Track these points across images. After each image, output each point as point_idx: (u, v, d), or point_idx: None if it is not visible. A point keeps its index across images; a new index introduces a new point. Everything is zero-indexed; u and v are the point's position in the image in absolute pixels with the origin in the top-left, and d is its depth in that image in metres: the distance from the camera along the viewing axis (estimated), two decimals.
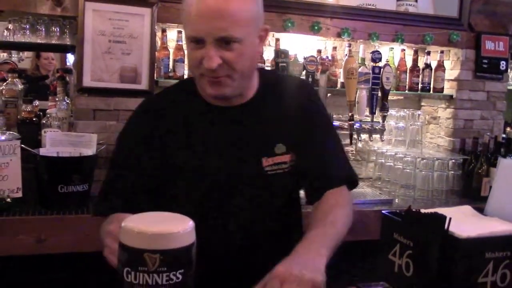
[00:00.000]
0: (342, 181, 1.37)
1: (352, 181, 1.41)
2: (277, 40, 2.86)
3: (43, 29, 2.52)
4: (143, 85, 2.47)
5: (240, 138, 1.33)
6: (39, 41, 2.56)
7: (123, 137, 1.38)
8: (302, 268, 0.95)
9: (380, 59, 2.74)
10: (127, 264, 0.65)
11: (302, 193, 1.45)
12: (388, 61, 2.93)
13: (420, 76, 3.08)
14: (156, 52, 2.56)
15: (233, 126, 1.34)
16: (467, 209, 1.21)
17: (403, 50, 3.07)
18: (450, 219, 0.93)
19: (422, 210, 0.97)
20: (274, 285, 0.90)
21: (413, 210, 0.96)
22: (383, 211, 0.98)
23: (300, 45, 2.89)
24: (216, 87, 1.25)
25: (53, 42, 2.56)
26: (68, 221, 2.08)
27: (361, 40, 2.88)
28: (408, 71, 3.07)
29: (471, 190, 2.85)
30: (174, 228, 0.67)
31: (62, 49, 2.84)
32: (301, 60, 2.61)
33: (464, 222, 0.99)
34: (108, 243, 0.95)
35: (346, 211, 1.27)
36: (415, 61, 3.08)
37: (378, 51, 2.76)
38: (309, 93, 1.46)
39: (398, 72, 3.04)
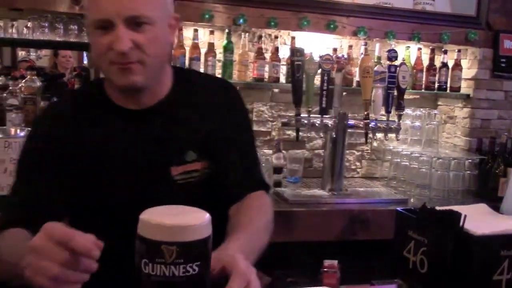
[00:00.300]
0: (261, 186, 1.31)
1: (267, 185, 1.35)
2: (293, 38, 2.87)
3: (62, 27, 2.55)
4: None
5: (149, 146, 1.23)
6: (57, 39, 2.60)
7: (26, 145, 1.26)
8: None
9: (396, 58, 2.73)
10: (144, 255, 0.66)
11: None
12: (404, 60, 2.91)
13: (437, 75, 3.06)
14: (172, 51, 2.58)
15: (142, 132, 1.23)
16: (482, 207, 1.20)
17: (419, 48, 3.05)
18: (465, 216, 0.93)
19: (437, 208, 0.97)
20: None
21: (428, 207, 0.96)
22: (397, 208, 0.98)
23: (315, 44, 2.89)
24: (127, 75, 1.14)
25: (71, 40, 2.59)
26: None
27: (377, 38, 2.87)
28: (424, 70, 3.05)
29: (487, 190, 2.83)
30: (191, 220, 0.68)
31: (80, 47, 2.87)
32: (316, 58, 2.61)
33: (479, 220, 0.99)
34: (32, 261, 0.76)
35: (268, 217, 1.23)
36: (431, 60, 3.06)
37: (394, 50, 2.75)
38: (229, 95, 1.35)
39: (415, 71, 3.03)
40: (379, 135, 2.85)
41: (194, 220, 0.69)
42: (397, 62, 2.76)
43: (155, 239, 0.66)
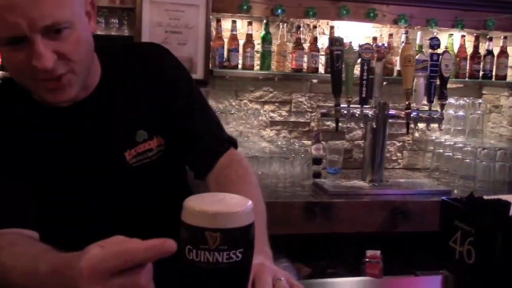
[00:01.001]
0: (228, 143, 1.23)
1: (234, 140, 1.25)
2: (332, 28, 2.83)
3: (103, 21, 2.60)
4: (199, 74, 2.52)
5: (94, 137, 1.12)
6: (99, 32, 2.65)
7: None
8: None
9: (438, 46, 2.66)
10: (188, 242, 0.67)
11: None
12: (447, 48, 2.84)
13: (481, 63, 2.97)
14: (211, 42, 2.60)
15: (83, 126, 1.12)
16: None
17: (463, 36, 2.97)
18: None
19: (484, 197, 0.94)
20: (266, 279, 0.81)
21: (475, 196, 0.93)
22: (443, 197, 0.96)
23: (355, 33, 2.85)
24: (58, 93, 1.01)
25: (112, 33, 2.64)
26: None
27: (419, 26, 2.81)
28: (468, 58, 2.97)
29: None
30: (234, 208, 0.68)
31: (121, 40, 2.93)
32: (356, 48, 2.57)
33: None
34: None
35: (255, 183, 1.15)
36: (476, 47, 2.98)
37: (437, 38, 2.67)
38: (159, 58, 1.21)
39: (458, 59, 2.95)
40: (421, 125, 2.80)
41: (237, 207, 0.69)
42: (439, 50, 2.69)
43: (199, 225, 0.66)
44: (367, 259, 1.35)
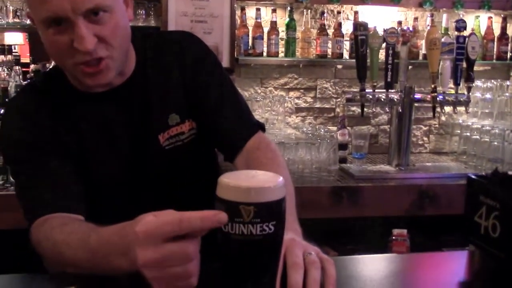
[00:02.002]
0: (256, 127, 1.26)
1: (261, 125, 1.29)
2: (356, 13, 2.84)
3: None
4: (224, 62, 2.56)
5: (130, 121, 1.19)
6: None
7: (11, 143, 1.16)
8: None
9: (465, 28, 2.63)
10: None
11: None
12: (473, 30, 2.81)
13: (509, 45, 2.94)
14: (236, 30, 2.63)
15: (119, 111, 1.18)
16: None
17: (490, 17, 2.93)
18: None
19: (509, 172, 0.96)
20: (297, 253, 0.83)
21: (500, 172, 0.95)
22: (468, 174, 0.98)
23: (379, 18, 2.84)
24: (96, 77, 1.07)
25: (139, 24, 2.70)
26: None
27: (444, 9, 2.79)
28: (495, 39, 2.93)
29: None
30: (266, 183, 0.72)
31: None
32: (380, 32, 2.57)
33: None
34: (159, 275, 0.72)
35: (284, 165, 1.19)
36: (503, 28, 2.94)
37: (463, 20, 2.65)
38: (190, 45, 1.25)
39: (485, 41, 2.92)
40: (448, 109, 2.78)
41: (269, 182, 0.73)
42: (465, 33, 2.67)
43: (234, 200, 0.70)
44: (394, 237, 1.37)
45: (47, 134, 1.14)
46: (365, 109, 2.61)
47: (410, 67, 2.80)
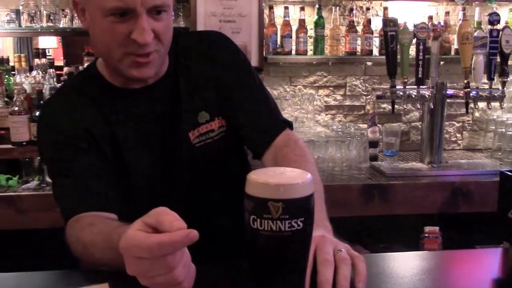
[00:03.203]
0: (284, 124, 1.27)
1: (289, 122, 1.30)
2: (385, 9, 2.80)
3: None
4: (253, 62, 2.56)
5: (162, 119, 1.22)
6: None
7: (48, 144, 1.19)
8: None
9: (498, 21, 2.57)
10: (253, 212, 0.72)
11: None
12: (507, 23, 2.74)
13: None
14: (264, 29, 2.64)
15: (152, 108, 1.21)
16: None
17: None
18: None
19: None
20: (327, 250, 0.84)
21: None
22: (501, 170, 0.96)
23: (409, 13, 2.80)
24: (142, 69, 1.11)
25: None
26: None
27: (477, 2, 2.73)
28: None
29: None
30: (294, 180, 0.72)
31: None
32: (411, 28, 2.53)
33: None
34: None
35: (313, 162, 1.19)
36: None
37: (496, 13, 2.58)
38: (219, 45, 1.28)
39: None
40: (481, 104, 2.72)
41: (297, 179, 0.73)
42: (499, 26, 2.60)
43: (263, 196, 0.71)
44: (425, 235, 1.35)
45: (82, 133, 1.17)
46: (396, 106, 2.57)
47: (441, 62, 2.75)
